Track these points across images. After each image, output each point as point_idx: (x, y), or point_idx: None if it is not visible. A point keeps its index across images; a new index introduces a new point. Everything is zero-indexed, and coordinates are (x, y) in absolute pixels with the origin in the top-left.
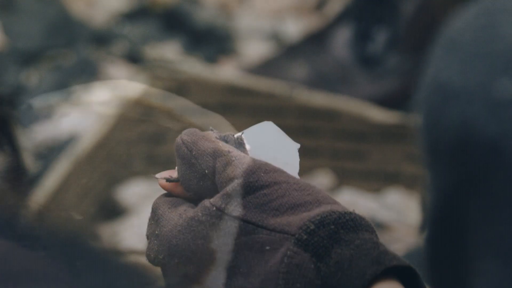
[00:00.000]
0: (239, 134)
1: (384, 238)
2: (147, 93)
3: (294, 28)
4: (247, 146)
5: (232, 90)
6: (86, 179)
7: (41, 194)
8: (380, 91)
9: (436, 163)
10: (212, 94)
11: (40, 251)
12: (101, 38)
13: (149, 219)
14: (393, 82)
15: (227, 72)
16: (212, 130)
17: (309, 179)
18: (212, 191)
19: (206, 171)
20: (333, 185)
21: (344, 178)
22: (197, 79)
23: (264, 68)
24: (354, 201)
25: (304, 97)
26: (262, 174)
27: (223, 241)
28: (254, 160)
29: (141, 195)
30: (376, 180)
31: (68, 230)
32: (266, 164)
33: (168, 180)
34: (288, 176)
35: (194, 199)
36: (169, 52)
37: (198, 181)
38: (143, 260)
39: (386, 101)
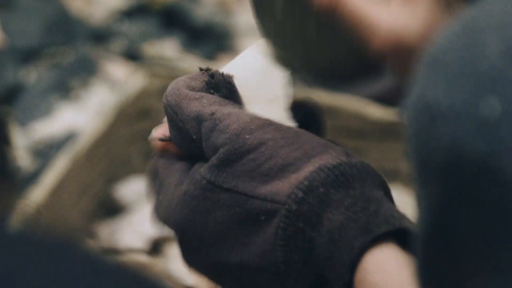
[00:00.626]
0: (228, 72)
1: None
2: (146, 90)
3: None
4: (237, 85)
5: None
6: (84, 176)
7: (39, 191)
8: (379, 88)
9: (426, 183)
10: None
11: (32, 252)
12: (100, 36)
13: (150, 180)
14: (392, 79)
15: None
16: (201, 70)
17: None
18: (204, 153)
19: (194, 136)
20: None
21: None
22: None
23: None
24: None
25: (302, 94)
26: (247, 136)
27: (219, 213)
28: (238, 119)
29: (139, 192)
30: None
31: (63, 230)
32: (251, 121)
33: (161, 139)
34: (275, 129)
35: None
36: (168, 49)
37: (189, 143)
38: (141, 258)
39: (385, 98)
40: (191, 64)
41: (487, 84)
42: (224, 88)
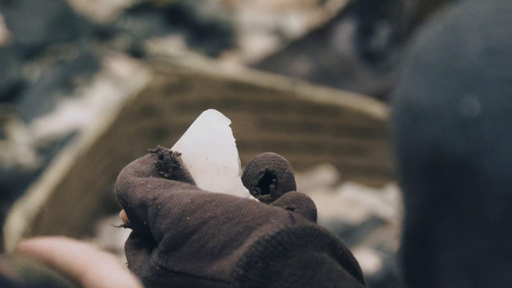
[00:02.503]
0: (176, 149)
1: (386, 235)
2: (149, 88)
3: (297, 23)
4: (185, 162)
5: (235, 85)
6: (87, 174)
7: (42, 189)
8: (382, 87)
9: (407, 181)
10: (215, 89)
11: None
12: (104, 33)
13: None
14: (395, 77)
15: (229, 67)
16: (151, 151)
17: (311, 175)
18: None
19: (145, 223)
20: (335, 181)
21: (346, 174)
22: (199, 74)
23: (267, 63)
24: (356, 197)
25: (306, 92)
26: (188, 218)
27: None
28: (179, 201)
29: None
30: (379, 176)
31: (38, 274)
32: (192, 201)
33: (124, 226)
34: (217, 205)
35: None
36: (172, 47)
37: (146, 228)
38: None
39: (389, 97)
40: (195, 61)
41: (467, 83)
42: (171, 168)
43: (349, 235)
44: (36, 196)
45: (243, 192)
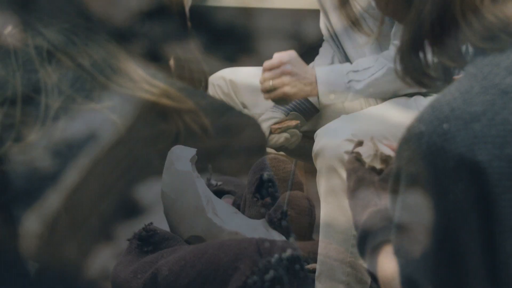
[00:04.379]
0: (161, 198)
1: (402, 240)
2: (167, 91)
3: (314, 28)
4: (169, 211)
5: (252, 89)
6: (105, 178)
7: (59, 192)
8: (400, 91)
9: (437, 186)
10: (231, 92)
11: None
12: (121, 36)
13: None
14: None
15: (247, 71)
16: (128, 239)
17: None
18: None
19: None
20: None
21: None
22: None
23: None
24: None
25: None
26: (189, 268)
27: None
28: (160, 275)
29: (159, 194)
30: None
31: (60, 266)
32: (170, 272)
33: None
34: (191, 265)
35: None
36: (189, 51)
37: None
38: None
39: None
40: (212, 65)
41: (503, 87)
42: (151, 239)
43: (364, 240)
44: (53, 200)
45: (217, 228)
